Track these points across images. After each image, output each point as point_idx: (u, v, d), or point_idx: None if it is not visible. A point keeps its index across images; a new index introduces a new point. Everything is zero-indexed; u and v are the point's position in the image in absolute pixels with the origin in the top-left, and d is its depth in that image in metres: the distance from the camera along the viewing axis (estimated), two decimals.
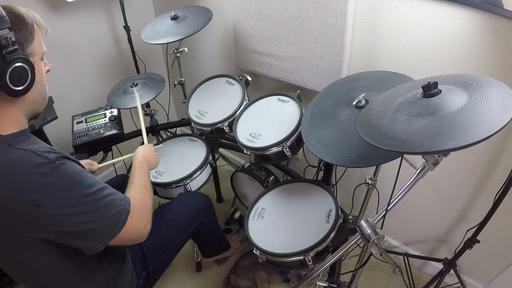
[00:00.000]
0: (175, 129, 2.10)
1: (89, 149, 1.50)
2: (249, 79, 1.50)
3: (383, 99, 0.82)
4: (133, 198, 0.88)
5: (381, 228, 0.87)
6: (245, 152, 1.25)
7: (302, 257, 1.05)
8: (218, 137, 1.67)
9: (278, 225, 1.19)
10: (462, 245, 1.29)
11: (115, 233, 0.79)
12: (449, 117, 0.64)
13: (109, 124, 1.55)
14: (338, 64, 1.30)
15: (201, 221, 1.33)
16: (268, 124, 1.29)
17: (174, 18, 1.54)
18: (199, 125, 1.43)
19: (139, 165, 1.07)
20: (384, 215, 0.88)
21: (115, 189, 0.85)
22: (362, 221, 0.88)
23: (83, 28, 1.76)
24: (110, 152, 1.62)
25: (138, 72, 1.98)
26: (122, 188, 0.94)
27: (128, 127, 1.65)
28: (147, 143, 1.29)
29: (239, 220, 1.89)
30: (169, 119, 2.12)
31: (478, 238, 1.22)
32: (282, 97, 1.33)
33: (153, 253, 1.15)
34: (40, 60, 0.80)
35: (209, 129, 1.42)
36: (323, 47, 1.30)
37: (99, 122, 1.56)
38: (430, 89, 0.69)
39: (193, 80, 1.81)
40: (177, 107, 2.47)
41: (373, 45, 1.25)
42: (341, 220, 1.12)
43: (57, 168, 0.71)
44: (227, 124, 1.37)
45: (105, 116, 1.59)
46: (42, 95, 0.82)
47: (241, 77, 1.48)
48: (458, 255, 1.33)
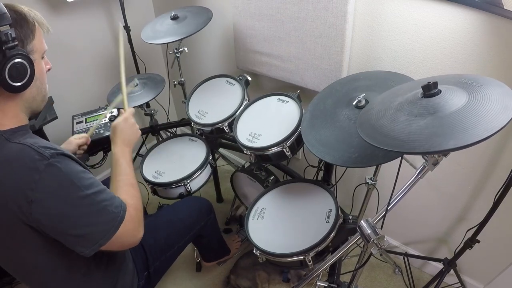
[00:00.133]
0: (175, 129, 2.10)
1: (89, 149, 1.49)
2: (249, 79, 1.50)
3: (383, 99, 0.82)
4: (128, 204, 0.84)
5: (381, 228, 0.87)
6: (245, 152, 1.25)
7: (302, 257, 1.05)
8: (218, 137, 1.67)
9: (278, 225, 1.19)
10: (462, 245, 1.29)
11: (105, 241, 0.77)
12: (449, 117, 0.64)
13: (109, 124, 1.54)
14: (338, 64, 1.30)
15: (203, 225, 1.33)
16: (268, 124, 1.28)
17: (174, 18, 1.54)
18: (199, 125, 1.43)
19: (121, 153, 0.99)
20: (384, 215, 0.88)
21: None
22: (362, 221, 0.88)
23: (83, 28, 1.76)
24: (110, 152, 1.62)
25: (138, 72, 1.98)
26: None
27: None
28: (127, 108, 1.13)
29: (240, 218, 1.88)
30: (169, 119, 2.12)
31: (478, 238, 1.22)
32: (282, 97, 1.33)
33: (154, 254, 1.15)
34: (40, 58, 0.80)
35: (209, 129, 1.42)
36: (323, 47, 1.30)
37: (99, 122, 1.56)
38: (430, 89, 0.69)
39: (193, 80, 1.81)
40: (177, 107, 2.47)
41: (373, 45, 1.25)
42: (341, 220, 1.12)
43: (51, 165, 0.70)
44: (227, 124, 1.37)
45: (105, 116, 1.59)
46: (41, 93, 0.82)
47: (241, 77, 1.48)
48: (458, 255, 1.33)
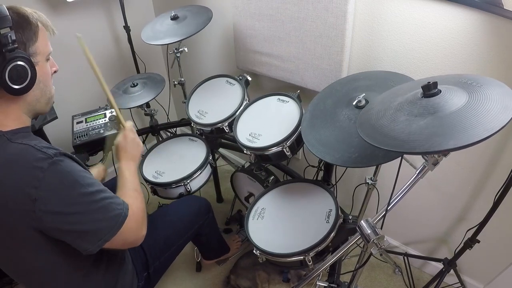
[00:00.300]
0: (175, 129, 2.09)
1: (89, 149, 1.49)
2: (249, 79, 1.50)
3: (383, 99, 0.82)
4: (130, 203, 0.86)
5: (381, 228, 0.87)
6: (245, 152, 1.25)
7: (302, 257, 1.05)
8: (218, 137, 1.67)
9: (278, 225, 1.19)
10: (462, 245, 1.29)
11: (109, 237, 0.78)
12: (449, 117, 0.64)
13: (109, 124, 1.54)
14: (338, 64, 1.30)
15: (201, 224, 1.34)
16: (268, 124, 1.28)
17: (174, 18, 1.54)
18: (199, 125, 1.43)
19: (126, 167, 1.00)
20: (384, 215, 0.88)
21: (112, 191, 0.84)
22: (362, 221, 0.88)
23: (83, 28, 1.76)
24: (110, 152, 1.62)
25: (138, 72, 1.98)
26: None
27: None
28: (125, 124, 1.12)
29: (241, 218, 1.88)
30: (169, 119, 2.12)
31: (478, 238, 1.22)
32: (282, 97, 1.33)
33: (154, 254, 1.15)
34: (45, 60, 0.79)
35: (209, 129, 1.42)
36: (323, 47, 1.30)
37: (99, 122, 1.56)
38: (430, 89, 0.69)
39: (193, 80, 1.81)
40: (177, 107, 2.47)
41: (373, 45, 1.25)
42: (341, 220, 1.12)
43: (55, 164, 0.71)
44: (227, 124, 1.37)
45: (105, 116, 1.59)
46: (46, 95, 0.82)
47: (241, 77, 1.48)
48: (458, 255, 1.33)
